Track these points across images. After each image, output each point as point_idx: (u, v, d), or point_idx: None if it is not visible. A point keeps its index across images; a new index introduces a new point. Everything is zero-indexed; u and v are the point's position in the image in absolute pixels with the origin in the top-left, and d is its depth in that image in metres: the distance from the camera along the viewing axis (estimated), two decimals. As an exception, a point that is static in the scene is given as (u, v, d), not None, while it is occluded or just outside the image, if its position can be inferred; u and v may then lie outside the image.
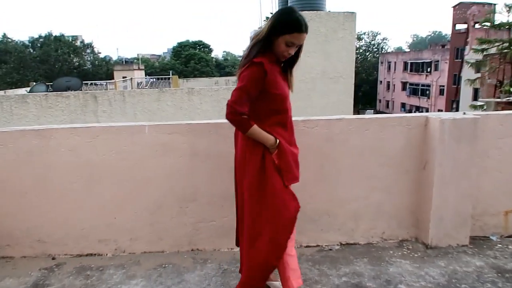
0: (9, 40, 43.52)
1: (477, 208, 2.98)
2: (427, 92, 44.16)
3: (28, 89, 11.95)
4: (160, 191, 2.88)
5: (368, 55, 58.42)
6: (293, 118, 2.85)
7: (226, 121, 2.08)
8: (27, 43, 44.45)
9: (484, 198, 2.99)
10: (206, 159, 2.84)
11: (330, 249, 2.93)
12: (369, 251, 2.89)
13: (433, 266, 2.65)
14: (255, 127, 2.02)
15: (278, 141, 2.07)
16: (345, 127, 2.85)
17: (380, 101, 54.16)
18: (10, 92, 11.80)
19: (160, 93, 9.82)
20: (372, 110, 47.63)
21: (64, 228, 2.92)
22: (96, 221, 2.92)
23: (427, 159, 2.85)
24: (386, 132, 2.87)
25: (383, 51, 58.63)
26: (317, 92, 10.79)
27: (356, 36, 13.26)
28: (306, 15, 10.54)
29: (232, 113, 1.99)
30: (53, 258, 2.92)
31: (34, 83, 13.45)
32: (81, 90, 11.21)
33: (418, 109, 45.63)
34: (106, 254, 2.95)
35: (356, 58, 55.78)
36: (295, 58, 2.17)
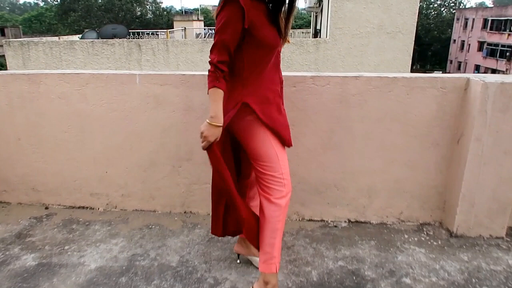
0: (78, -12, 45.07)
1: (522, 194, 2.44)
2: (507, 53, 39.73)
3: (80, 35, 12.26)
4: (152, 147, 2.66)
5: (443, 10, 53.34)
6: (303, 73, 2.44)
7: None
8: (94, -9, 45.69)
9: (534, 184, 2.43)
10: (202, 114, 2.53)
11: (335, 226, 2.58)
12: (380, 233, 2.50)
13: (453, 259, 2.22)
14: (218, 92, 1.64)
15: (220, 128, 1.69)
16: (363, 87, 2.38)
17: (451, 62, 49.88)
18: (65, 38, 12.18)
19: (203, 43, 9.53)
20: (441, 72, 43.99)
21: (57, 178, 2.82)
22: (88, 173, 2.78)
23: (462, 131, 2.33)
24: (414, 95, 2.36)
25: (461, 7, 53.19)
26: (371, 48, 9.92)
27: (421, -14, 11.79)
28: (366, -40, 9.53)
29: (210, 63, 1.66)
30: (46, 208, 2.86)
31: (87, 30, 13.72)
32: (127, 38, 11.26)
33: (493, 72, 41.40)
34: (98, 208, 2.83)
35: (429, 13, 51.33)
36: (293, 5, 1.77)
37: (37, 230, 2.57)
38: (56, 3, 46.73)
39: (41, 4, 65.14)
